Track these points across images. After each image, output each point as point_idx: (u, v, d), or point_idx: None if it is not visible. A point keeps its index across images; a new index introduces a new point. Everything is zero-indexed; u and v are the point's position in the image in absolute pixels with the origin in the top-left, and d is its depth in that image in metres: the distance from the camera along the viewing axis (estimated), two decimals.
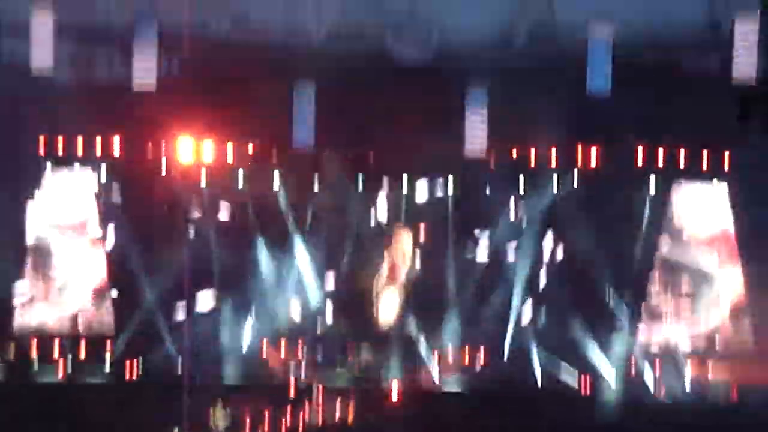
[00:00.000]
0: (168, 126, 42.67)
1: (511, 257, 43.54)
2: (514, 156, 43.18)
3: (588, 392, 40.77)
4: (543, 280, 43.33)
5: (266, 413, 36.75)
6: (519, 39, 43.66)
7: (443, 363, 43.03)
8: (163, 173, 43.94)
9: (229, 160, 43.79)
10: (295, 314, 44.36)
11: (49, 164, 43.76)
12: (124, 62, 43.34)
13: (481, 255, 44.10)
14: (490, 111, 42.76)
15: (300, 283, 44.53)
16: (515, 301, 43.06)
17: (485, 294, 43.38)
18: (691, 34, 42.97)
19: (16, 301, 43.31)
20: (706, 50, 43.21)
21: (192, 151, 43.96)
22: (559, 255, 43.37)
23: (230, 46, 44.24)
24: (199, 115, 42.30)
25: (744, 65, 40.80)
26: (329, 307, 44.77)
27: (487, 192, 43.67)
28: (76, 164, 43.79)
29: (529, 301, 43.12)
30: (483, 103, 42.84)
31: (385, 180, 44.60)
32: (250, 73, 43.01)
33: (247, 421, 35.64)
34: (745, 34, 40.51)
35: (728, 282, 42.59)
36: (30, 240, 43.74)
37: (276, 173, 44.14)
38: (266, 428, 35.02)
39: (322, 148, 43.87)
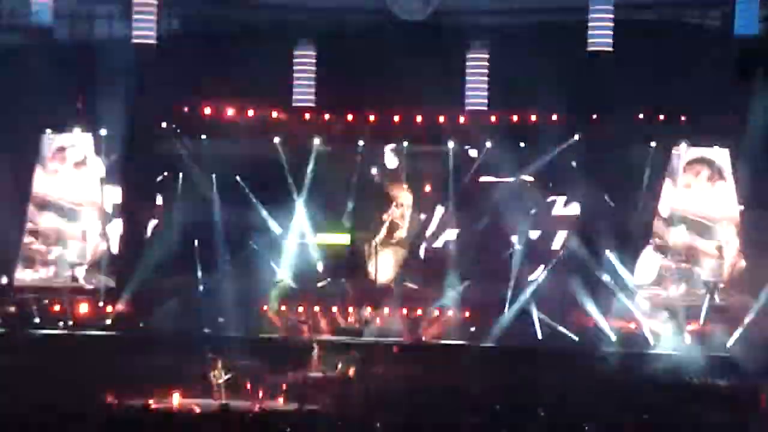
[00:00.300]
0: (168, 85, 42.66)
1: (512, 217, 43.59)
2: (515, 114, 43.17)
3: (589, 347, 40.89)
4: (544, 239, 43.39)
5: (267, 369, 36.72)
6: None
7: (443, 318, 43.22)
8: (165, 132, 44.12)
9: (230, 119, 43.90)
10: (297, 271, 44.55)
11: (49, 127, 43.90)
12: (124, 20, 43.57)
13: (483, 214, 44.24)
14: (490, 68, 42.79)
15: (301, 240, 44.71)
16: (516, 258, 43.21)
17: (487, 252, 43.53)
18: None
19: (18, 258, 43.61)
20: (707, 7, 43.18)
21: (192, 109, 43.98)
22: (561, 214, 43.44)
23: (230, 3, 44.29)
24: (200, 74, 42.30)
25: (745, 22, 40.75)
26: (330, 264, 45.01)
27: (488, 151, 43.69)
28: (77, 125, 43.85)
29: (530, 259, 43.26)
30: (484, 61, 42.86)
31: (386, 139, 44.66)
32: (250, 32, 43.01)
33: (248, 377, 35.57)
34: None
35: (728, 239, 42.66)
36: (31, 200, 43.89)
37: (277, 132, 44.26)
38: (267, 384, 34.95)
39: (323, 106, 43.90)
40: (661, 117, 42.53)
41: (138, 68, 41.68)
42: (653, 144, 42.71)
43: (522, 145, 43.50)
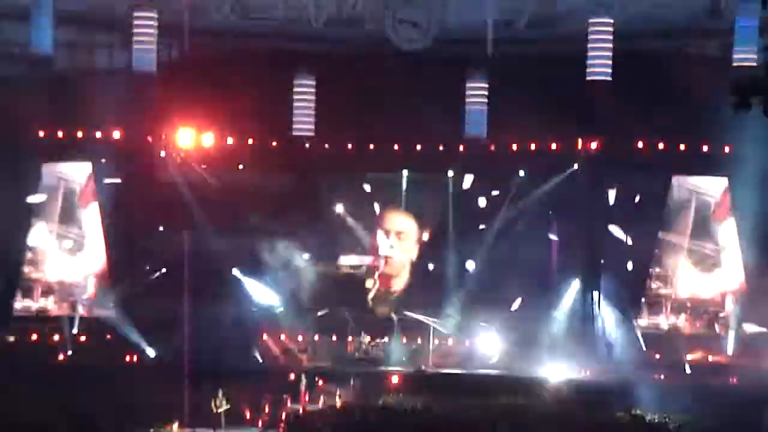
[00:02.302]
0: (167, 114, 42.68)
1: (511, 244, 43.56)
2: (514, 142, 43.15)
3: (589, 375, 40.79)
4: (543, 266, 43.32)
5: (266, 398, 36.62)
6: (520, 25, 43.70)
7: (443, 346, 43.16)
8: (163, 161, 44.07)
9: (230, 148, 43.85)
10: (295, 299, 44.47)
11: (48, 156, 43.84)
12: (124, 49, 43.68)
13: (482, 242, 44.21)
14: (490, 96, 42.85)
15: (300, 268, 44.69)
16: (517, 287, 43.18)
17: (487, 280, 43.52)
18: (692, 21, 43.05)
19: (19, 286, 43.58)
20: (707, 37, 43.30)
21: (192, 138, 43.92)
22: (561, 241, 43.41)
23: (230, 33, 44.34)
24: (199, 103, 42.30)
25: (744, 52, 40.87)
26: (330, 291, 44.96)
27: (488, 178, 43.71)
28: (77, 154, 43.75)
29: (530, 286, 43.22)
30: (483, 89, 42.92)
31: (384, 167, 44.61)
32: (250, 61, 43.01)
33: (247, 405, 35.49)
34: (745, 20, 40.55)
35: (728, 268, 42.68)
36: (31, 231, 43.82)
37: (276, 160, 44.22)
38: (266, 412, 34.85)
39: (322, 135, 43.91)
40: (661, 146, 42.50)
41: (138, 96, 41.65)
42: (653, 172, 42.70)
43: (521, 173, 43.52)
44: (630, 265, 42.62)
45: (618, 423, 33.85)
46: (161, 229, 43.66)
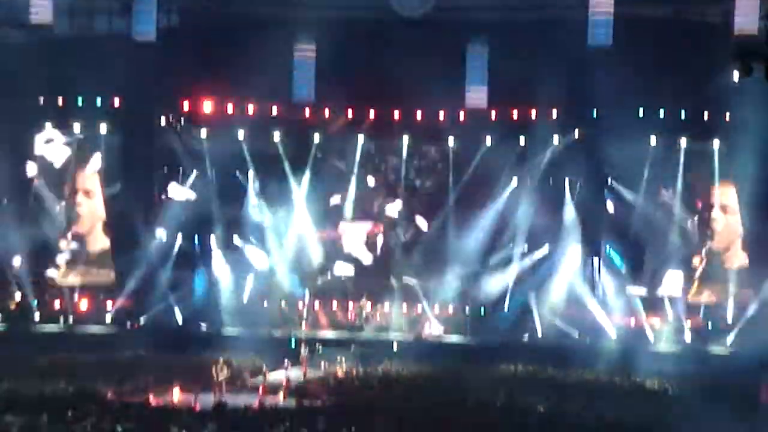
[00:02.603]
0: (167, 80, 42.59)
1: (512, 213, 43.62)
2: (515, 111, 43.11)
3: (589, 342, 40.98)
4: (544, 235, 43.38)
5: (267, 365, 36.74)
6: None
7: (444, 315, 43.26)
8: (165, 127, 44.08)
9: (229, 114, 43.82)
10: (295, 268, 44.56)
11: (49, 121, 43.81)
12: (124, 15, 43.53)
13: (484, 211, 44.27)
14: (490, 64, 42.72)
15: (300, 237, 44.75)
16: (516, 255, 43.27)
17: (487, 249, 43.57)
18: None
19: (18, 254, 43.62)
20: (708, 4, 43.12)
21: (191, 104, 43.90)
22: (561, 209, 43.47)
23: None
24: (199, 69, 42.22)
25: (745, 19, 40.68)
26: (329, 261, 45.04)
27: (489, 146, 43.69)
28: (77, 120, 43.75)
29: (531, 255, 43.31)
30: (483, 56, 42.78)
31: (386, 136, 44.58)
32: (249, 26, 42.87)
33: (248, 372, 35.63)
34: None
35: (728, 233, 42.80)
36: (32, 193, 43.90)
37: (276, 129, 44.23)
38: (265, 379, 34.99)
39: (323, 102, 43.84)
40: (661, 112, 42.46)
41: (138, 63, 41.53)
42: (653, 140, 42.67)
43: (522, 141, 43.49)
44: (630, 232, 42.78)
45: (618, 388, 34.08)
46: (162, 195, 44.05)
